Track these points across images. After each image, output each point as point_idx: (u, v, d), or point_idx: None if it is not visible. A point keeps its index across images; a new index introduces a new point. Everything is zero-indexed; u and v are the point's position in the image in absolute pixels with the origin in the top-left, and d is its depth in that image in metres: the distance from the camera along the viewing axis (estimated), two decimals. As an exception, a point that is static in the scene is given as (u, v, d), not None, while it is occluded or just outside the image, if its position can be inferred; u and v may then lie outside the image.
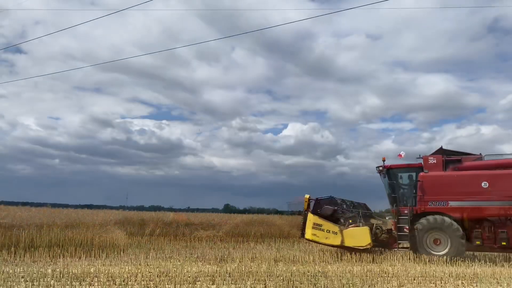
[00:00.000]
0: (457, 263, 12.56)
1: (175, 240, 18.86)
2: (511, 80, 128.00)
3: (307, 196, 14.79)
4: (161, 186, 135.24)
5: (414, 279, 9.30)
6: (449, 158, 15.00)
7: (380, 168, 15.66)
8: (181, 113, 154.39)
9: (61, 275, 8.28)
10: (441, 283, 8.98)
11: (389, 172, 15.45)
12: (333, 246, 14.15)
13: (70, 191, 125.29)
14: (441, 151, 15.29)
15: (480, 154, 15.29)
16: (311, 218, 13.99)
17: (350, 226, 14.10)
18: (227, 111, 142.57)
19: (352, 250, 13.82)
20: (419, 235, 14.14)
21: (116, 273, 8.64)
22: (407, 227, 14.34)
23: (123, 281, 7.99)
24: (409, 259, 13.23)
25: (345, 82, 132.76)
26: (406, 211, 14.67)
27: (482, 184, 13.93)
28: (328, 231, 13.74)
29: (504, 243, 13.67)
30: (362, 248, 13.70)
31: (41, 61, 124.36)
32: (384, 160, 15.52)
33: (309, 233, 13.85)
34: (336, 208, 14.59)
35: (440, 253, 13.82)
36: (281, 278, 8.79)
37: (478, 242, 14.02)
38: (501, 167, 14.33)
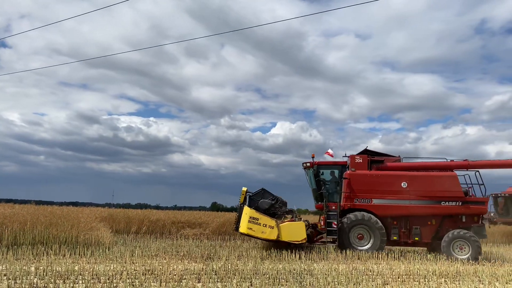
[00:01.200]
0: (440, 261, 12.76)
1: (161, 238, 18.77)
2: (497, 81, 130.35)
3: (244, 189, 14.50)
4: (148, 184, 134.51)
5: (398, 277, 9.41)
6: (373, 158, 15.96)
7: (308, 165, 16.21)
8: (169, 111, 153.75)
9: (45, 273, 8.17)
10: (425, 281, 9.11)
11: (316, 168, 16.01)
12: (268, 240, 13.86)
13: (55, 188, 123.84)
14: (366, 151, 16.24)
15: (399, 156, 16.54)
16: (248, 211, 13.58)
17: (286, 220, 14.08)
18: (215, 109, 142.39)
19: (286, 245, 13.66)
20: (345, 230, 14.81)
21: (101, 271, 8.57)
22: (336, 222, 14.96)
23: (108, 279, 7.92)
24: (394, 257, 13.40)
25: (334, 82, 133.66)
26: (334, 207, 15.30)
27: (402, 184, 15.22)
28: (264, 225, 13.41)
29: (417, 238, 15.17)
30: (297, 243, 13.63)
31: (26, 56, 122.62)
32: (313, 157, 16.11)
33: (244, 227, 13.44)
34: (273, 202, 14.42)
35: (363, 248, 14.68)
36: (267, 276, 8.82)
37: (395, 238, 15.27)
38: (417, 169, 15.84)
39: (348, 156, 16.00)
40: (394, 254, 13.89)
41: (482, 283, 8.88)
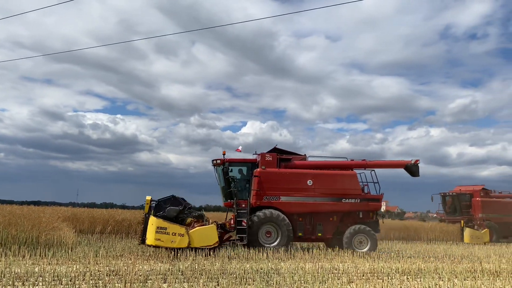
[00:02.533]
0: (403, 259, 13.11)
1: (127, 238, 18.42)
2: (459, 85, 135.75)
3: (148, 197, 13.49)
4: (114, 183, 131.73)
5: (363, 275, 9.60)
6: (282, 156, 16.35)
7: (218, 162, 16.15)
8: (137, 108, 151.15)
9: (3, 275, 7.85)
10: (388, 278, 9.33)
11: (227, 166, 16.03)
12: (180, 249, 13.02)
13: (16, 187, 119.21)
14: (275, 149, 16.67)
15: (305, 154, 17.13)
16: (154, 221, 12.68)
17: (196, 225, 13.52)
18: (185, 107, 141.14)
19: (200, 250, 13.10)
20: (254, 228, 14.91)
21: (62, 272, 8.31)
22: (245, 221, 14.94)
23: (70, 280, 7.68)
24: (359, 256, 13.67)
25: (304, 82, 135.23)
26: (244, 205, 15.35)
27: (308, 182, 15.73)
28: (174, 234, 12.66)
29: (320, 234, 15.84)
30: (210, 247, 13.17)
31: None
32: (224, 154, 16.10)
33: (151, 238, 12.57)
34: (181, 208, 13.53)
35: (271, 245, 14.83)
36: (234, 275, 8.80)
37: (300, 234, 15.69)
38: (322, 168, 16.51)
39: (258, 154, 16.22)
40: (359, 253, 14.18)
41: (442, 280, 9.19)
